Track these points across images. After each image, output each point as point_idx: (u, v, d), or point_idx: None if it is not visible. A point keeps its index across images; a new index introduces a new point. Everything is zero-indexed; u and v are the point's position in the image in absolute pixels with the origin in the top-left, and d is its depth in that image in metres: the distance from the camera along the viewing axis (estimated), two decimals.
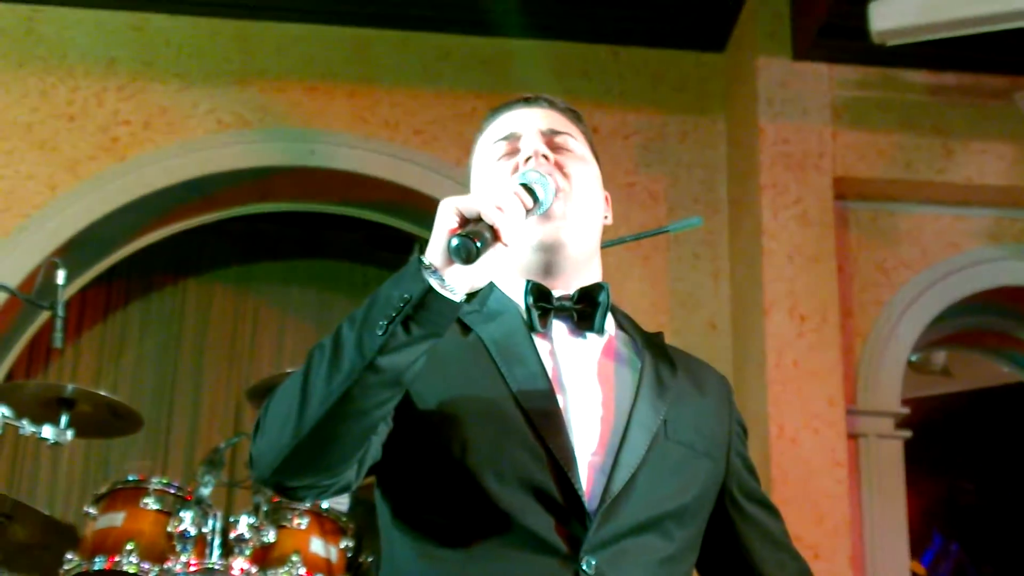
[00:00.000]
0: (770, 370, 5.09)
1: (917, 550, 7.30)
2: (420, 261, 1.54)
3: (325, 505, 3.96)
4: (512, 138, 1.86)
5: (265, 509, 3.77)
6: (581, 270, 1.84)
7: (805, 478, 5.01)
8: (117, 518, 3.73)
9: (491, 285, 1.85)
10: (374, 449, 1.65)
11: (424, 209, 6.08)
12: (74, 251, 5.65)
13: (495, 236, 1.53)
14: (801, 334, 5.26)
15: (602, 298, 1.80)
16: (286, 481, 1.58)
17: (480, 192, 1.70)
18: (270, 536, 3.71)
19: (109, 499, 3.79)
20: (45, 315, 5.84)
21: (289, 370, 4.23)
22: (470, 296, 1.61)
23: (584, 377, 1.76)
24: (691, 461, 1.76)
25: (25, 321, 5.90)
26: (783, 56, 5.69)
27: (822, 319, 5.29)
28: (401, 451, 1.68)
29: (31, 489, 5.84)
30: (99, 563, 3.64)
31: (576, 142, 1.88)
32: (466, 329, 1.77)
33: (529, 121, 1.88)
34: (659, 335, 1.90)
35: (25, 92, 5.78)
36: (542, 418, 1.67)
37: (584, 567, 1.60)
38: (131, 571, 3.59)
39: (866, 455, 5.42)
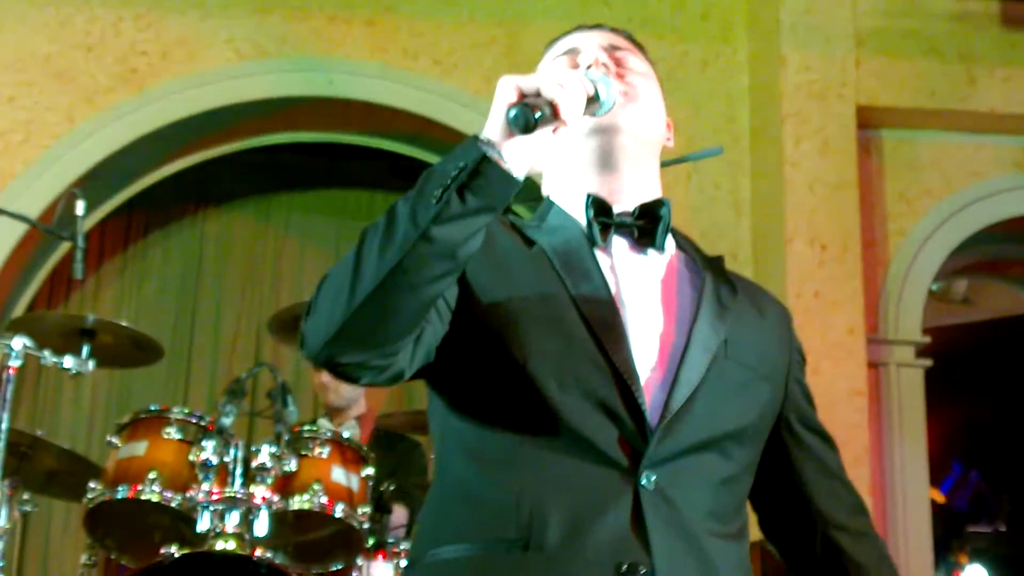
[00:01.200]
0: (791, 300, 5.08)
1: (936, 478, 7.31)
2: (476, 136, 1.51)
3: (346, 434, 3.97)
4: (573, 52, 1.82)
5: (286, 438, 3.78)
6: (640, 183, 1.80)
7: (826, 407, 4.97)
8: (139, 447, 3.74)
9: (550, 202, 1.82)
10: (427, 342, 1.61)
11: (444, 139, 6.07)
12: (94, 182, 5.65)
13: (554, 112, 1.49)
14: (822, 263, 5.24)
15: (663, 213, 1.77)
16: (337, 356, 1.54)
17: (540, 73, 1.60)
18: (291, 465, 3.72)
19: (131, 428, 3.80)
20: (65, 246, 5.85)
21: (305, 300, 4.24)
22: (531, 210, 1.62)
23: (645, 294, 1.72)
24: (751, 383, 1.73)
25: (46, 252, 5.92)
26: None
27: (843, 248, 5.27)
28: (460, 354, 1.64)
29: (54, 419, 5.89)
30: (122, 492, 3.65)
31: (639, 60, 1.84)
32: (528, 242, 1.74)
33: (591, 38, 1.85)
34: (719, 258, 1.85)
35: (43, 23, 5.75)
36: (605, 331, 1.64)
37: (643, 482, 1.59)
38: (154, 499, 3.61)
39: (887, 384, 5.42)
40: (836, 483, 1.87)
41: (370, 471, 3.91)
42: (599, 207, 1.75)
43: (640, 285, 1.73)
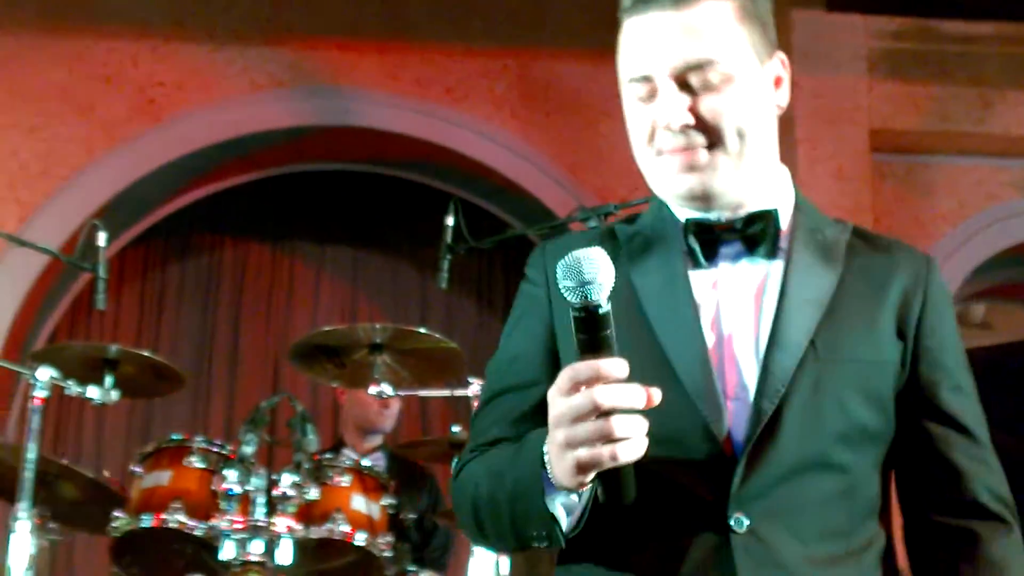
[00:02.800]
0: None
1: None
2: (549, 516, 1.51)
3: (366, 463, 4.00)
4: (646, 81, 1.68)
5: (307, 467, 3.80)
6: (748, 195, 1.70)
7: None
8: (163, 476, 3.76)
9: (658, 203, 1.77)
10: None
11: (456, 167, 6.10)
12: (113, 212, 5.70)
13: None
14: None
15: (771, 226, 1.69)
16: None
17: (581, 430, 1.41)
18: (313, 493, 3.73)
19: (154, 458, 3.82)
20: (84, 277, 5.91)
21: (326, 328, 4.26)
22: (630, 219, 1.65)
23: (745, 309, 1.65)
24: (859, 375, 1.61)
25: (66, 283, 5.97)
26: (817, 7, 5.65)
27: None
28: None
29: (76, 449, 5.91)
30: (146, 521, 3.67)
31: (715, 69, 1.65)
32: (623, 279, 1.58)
33: (661, 57, 1.66)
34: (846, 227, 1.77)
35: (62, 54, 5.81)
36: (689, 363, 1.59)
37: (733, 523, 1.53)
38: (178, 528, 3.63)
39: None
40: (980, 465, 1.70)
41: (391, 500, 3.92)
42: (698, 228, 1.69)
43: (741, 300, 1.66)
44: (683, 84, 1.65)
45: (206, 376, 6.21)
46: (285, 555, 3.64)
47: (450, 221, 3.87)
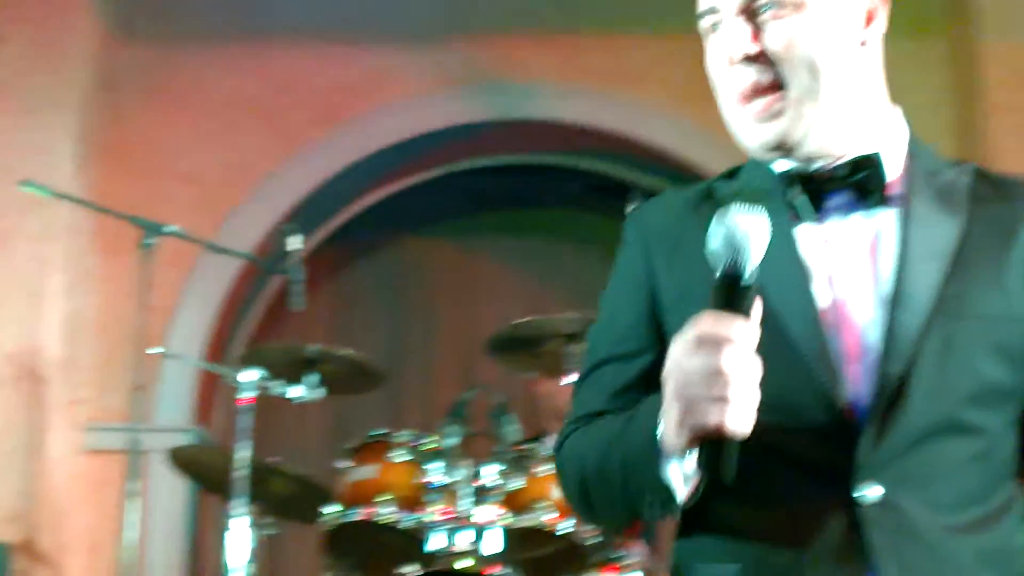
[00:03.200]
0: None
1: None
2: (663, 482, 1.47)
3: None
4: (712, 13, 1.65)
5: (510, 457, 3.84)
6: (842, 141, 1.59)
7: None
8: (369, 470, 3.84)
9: (752, 163, 1.68)
10: None
11: (638, 154, 6.07)
12: (300, 216, 5.83)
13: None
14: None
15: (878, 171, 1.58)
16: None
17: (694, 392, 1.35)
18: (517, 483, 3.77)
19: (359, 452, 3.91)
20: (275, 281, 6.08)
21: (520, 319, 4.28)
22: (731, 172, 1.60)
23: (860, 265, 1.55)
24: (989, 332, 1.50)
25: (258, 286, 6.12)
26: None
27: None
28: None
29: (277, 446, 6.06)
30: (356, 514, 3.76)
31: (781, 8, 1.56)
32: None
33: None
34: (966, 168, 1.65)
35: (245, 66, 5.96)
36: (803, 328, 1.50)
37: (862, 493, 1.45)
38: (387, 521, 3.71)
39: None
40: None
41: None
42: (800, 180, 1.59)
43: (855, 255, 1.55)
44: (749, 13, 1.58)
45: (398, 372, 6.29)
46: (492, 544, 3.68)
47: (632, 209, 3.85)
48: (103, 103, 5.85)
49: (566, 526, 3.75)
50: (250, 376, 3.73)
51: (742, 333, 1.34)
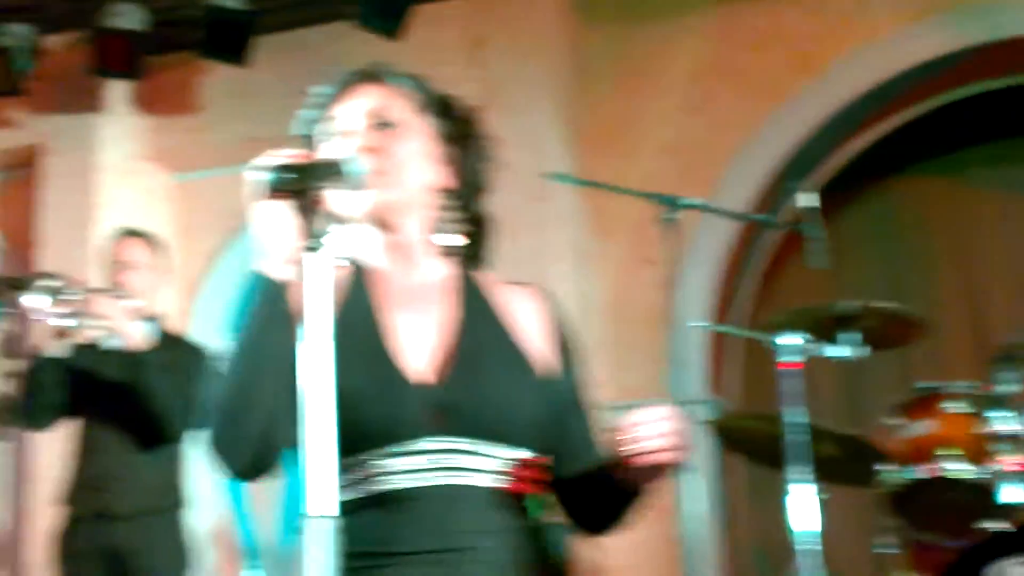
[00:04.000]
0: None
1: None
2: None
3: None
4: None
5: None
6: None
7: None
8: (923, 426, 3.72)
9: None
10: None
11: None
12: (785, 173, 5.78)
13: None
14: None
15: None
16: None
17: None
18: None
19: (909, 408, 3.79)
20: (766, 240, 6.05)
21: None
22: None
23: None
24: None
25: (750, 250, 6.10)
26: None
27: None
28: None
29: (819, 406, 5.97)
30: (917, 471, 3.64)
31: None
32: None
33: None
34: None
35: (703, 28, 5.96)
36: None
37: None
38: (955, 476, 3.56)
39: None
40: None
41: None
42: None
43: None
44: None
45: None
46: None
47: None
48: (579, 88, 6.01)
49: None
50: (792, 340, 3.65)
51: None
